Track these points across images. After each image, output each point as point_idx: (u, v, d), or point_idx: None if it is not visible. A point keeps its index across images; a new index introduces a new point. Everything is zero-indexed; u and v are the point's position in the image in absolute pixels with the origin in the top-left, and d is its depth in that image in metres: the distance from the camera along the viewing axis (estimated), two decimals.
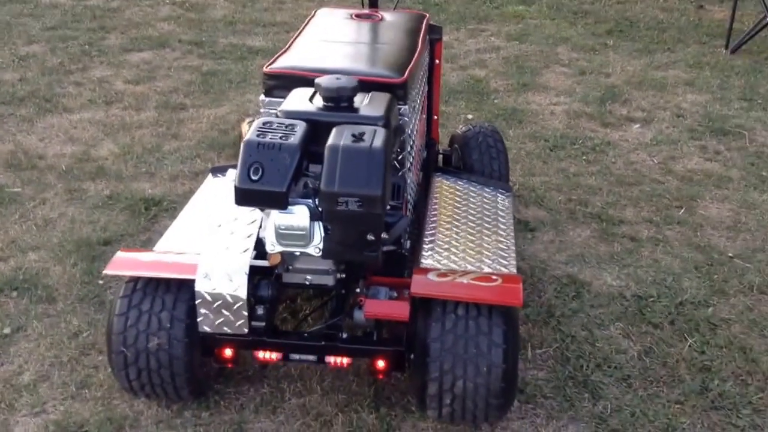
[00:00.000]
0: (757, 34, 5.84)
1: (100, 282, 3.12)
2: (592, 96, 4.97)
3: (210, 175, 3.38)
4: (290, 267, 2.41)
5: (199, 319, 2.30)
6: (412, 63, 2.69)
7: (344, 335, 2.37)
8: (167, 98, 4.81)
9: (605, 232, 3.51)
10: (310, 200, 2.21)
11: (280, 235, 2.21)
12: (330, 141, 2.16)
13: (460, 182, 3.21)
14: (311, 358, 2.35)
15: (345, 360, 2.35)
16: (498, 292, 2.33)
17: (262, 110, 2.63)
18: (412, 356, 2.36)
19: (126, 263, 2.43)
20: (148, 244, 3.36)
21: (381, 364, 2.33)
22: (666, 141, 4.38)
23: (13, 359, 2.73)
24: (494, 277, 2.39)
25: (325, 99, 2.36)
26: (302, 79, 2.55)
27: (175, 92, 4.92)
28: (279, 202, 2.16)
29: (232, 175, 3.29)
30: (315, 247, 2.22)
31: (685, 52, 5.86)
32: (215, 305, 2.27)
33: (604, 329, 2.91)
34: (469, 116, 4.63)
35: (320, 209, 2.16)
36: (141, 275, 2.38)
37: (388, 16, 3.16)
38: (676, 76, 5.36)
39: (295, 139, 2.18)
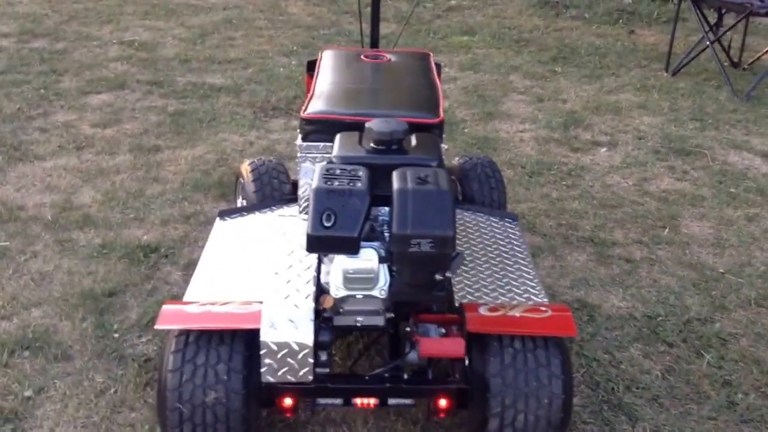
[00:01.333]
0: (693, 56, 6.09)
1: (116, 335, 3.00)
2: (555, 122, 5.08)
3: (218, 219, 3.31)
4: (341, 309, 2.37)
5: (262, 370, 2.24)
6: (441, 102, 2.71)
7: (406, 376, 2.34)
8: (139, 141, 4.68)
9: (601, 255, 3.58)
10: (376, 243, 2.20)
11: (348, 280, 2.18)
12: (396, 185, 2.15)
13: (466, 213, 3.23)
14: (373, 401, 2.31)
15: (407, 401, 2.32)
16: (552, 324, 2.34)
17: (299, 155, 2.60)
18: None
19: (179, 316, 2.34)
20: (154, 293, 3.26)
21: (443, 402, 2.30)
22: (635, 163, 4.51)
23: (42, 423, 2.58)
24: (543, 308, 2.41)
25: (377, 142, 2.35)
26: (341, 123, 2.54)
27: (146, 134, 4.79)
28: (352, 247, 2.14)
29: (248, 219, 3.25)
30: (380, 290, 2.20)
31: (629, 75, 6.06)
32: (281, 354, 2.21)
33: (624, 351, 2.96)
34: (445, 146, 4.65)
35: (390, 251, 2.14)
36: (202, 328, 2.29)
37: (394, 57, 3.17)
38: (627, 99, 5.53)
39: (362, 184, 2.17)
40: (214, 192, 4.09)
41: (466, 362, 2.36)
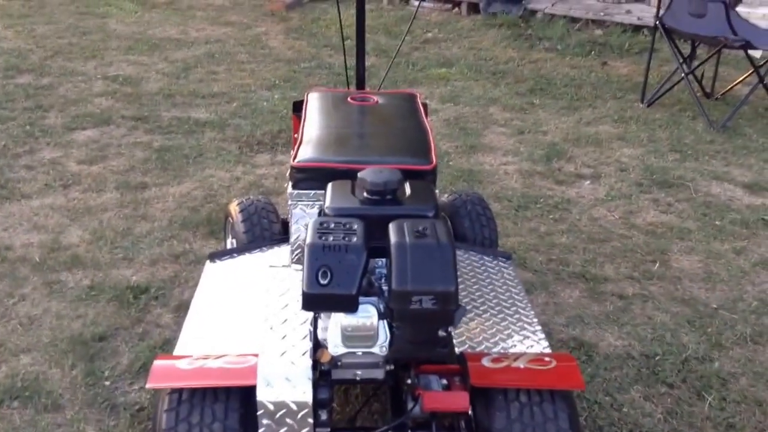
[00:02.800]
0: (668, 87, 6.04)
1: (107, 383, 2.82)
2: (537, 154, 4.98)
3: (208, 262, 3.14)
4: (339, 363, 2.22)
5: (261, 431, 2.07)
6: (433, 147, 2.58)
7: None
8: (126, 178, 4.50)
9: (593, 291, 3.46)
10: (374, 298, 2.05)
11: (347, 338, 2.03)
12: (393, 239, 2.01)
13: (459, 252, 3.09)
14: None
15: None
16: (558, 376, 2.21)
17: (290, 202, 2.46)
18: None
19: (170, 373, 2.17)
20: (145, 337, 3.08)
21: None
22: (619, 196, 4.41)
23: None
24: (547, 359, 2.27)
25: (371, 193, 2.20)
26: (332, 171, 2.40)
27: (132, 171, 4.61)
28: (350, 304, 1.99)
29: (238, 263, 3.08)
30: (380, 347, 2.05)
31: (606, 107, 5.98)
32: (279, 414, 2.05)
33: (624, 393, 2.83)
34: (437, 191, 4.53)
35: (390, 308, 1.99)
36: (195, 386, 2.13)
37: (381, 99, 3.04)
38: (606, 131, 5.45)
39: (358, 238, 2.02)
40: (202, 230, 3.93)
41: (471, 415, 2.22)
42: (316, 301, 1.97)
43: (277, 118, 5.50)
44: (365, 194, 2.21)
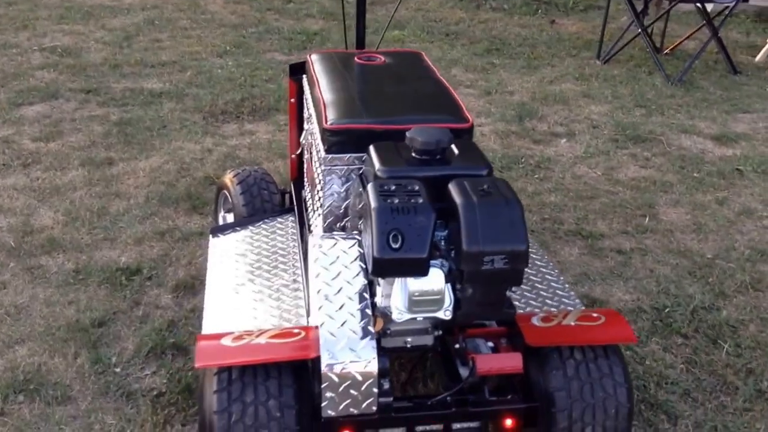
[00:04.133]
0: (619, 43, 6.12)
1: (117, 370, 2.69)
2: (508, 115, 4.98)
3: (211, 237, 3.04)
4: (389, 331, 2.17)
5: (323, 404, 2.01)
6: (462, 104, 2.53)
7: (473, 398, 2.16)
8: (88, 154, 4.30)
9: (592, 248, 3.50)
10: (438, 261, 2.00)
11: (414, 303, 1.98)
12: (459, 199, 1.95)
13: None
14: (438, 427, 2.12)
15: (473, 424, 2.14)
16: (610, 331, 2.21)
17: (323, 167, 2.37)
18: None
19: (218, 352, 2.08)
20: (146, 320, 2.96)
21: (509, 422, 2.14)
22: (597, 153, 4.46)
23: None
24: (594, 315, 2.27)
25: (422, 153, 2.14)
26: (369, 132, 2.33)
27: (94, 146, 4.40)
28: (421, 268, 1.93)
29: (246, 235, 2.99)
30: (446, 311, 2.01)
31: (564, 65, 6.03)
32: (343, 387, 2.00)
33: (644, 346, 2.87)
34: None
35: (459, 270, 1.94)
36: (250, 362, 2.04)
37: (388, 59, 2.97)
38: (570, 89, 5.49)
39: (423, 199, 1.96)
40: (183, 205, 3.78)
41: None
42: (387, 267, 1.91)
43: (236, 87, 5.34)
44: (415, 155, 2.15)
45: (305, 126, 2.97)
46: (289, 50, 6.25)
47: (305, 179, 3.09)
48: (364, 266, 2.15)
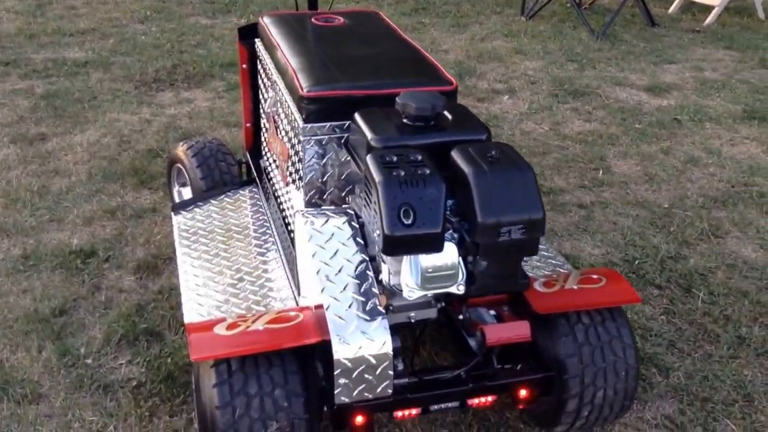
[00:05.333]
0: (545, 1, 6.04)
1: (88, 362, 2.43)
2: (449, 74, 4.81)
3: (173, 215, 2.79)
4: (392, 307, 2.00)
5: (336, 391, 1.83)
6: (440, 66, 2.35)
7: (489, 372, 2.02)
8: (18, 129, 3.91)
9: (554, 203, 3.40)
10: (448, 234, 1.83)
11: (427, 279, 1.81)
12: (468, 167, 1.78)
13: None
14: (454, 404, 1.98)
15: (490, 398, 2.00)
16: (614, 293, 2.10)
17: (300, 138, 2.15)
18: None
19: (214, 342, 1.86)
20: (111, 305, 2.69)
21: (524, 393, 2.01)
22: (541, 108, 4.36)
23: None
24: (594, 276, 2.16)
25: (415, 119, 1.95)
26: (349, 99, 2.12)
27: (23, 121, 4.01)
28: (436, 244, 1.75)
29: (212, 212, 2.74)
30: (459, 285, 1.85)
31: (491, 23, 5.91)
32: (357, 371, 1.82)
33: None
34: None
35: (474, 242, 1.78)
36: (252, 351, 1.83)
37: (348, 19, 2.75)
38: (502, 46, 5.37)
39: (430, 170, 1.78)
40: (130, 180, 3.48)
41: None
42: (400, 244, 1.73)
43: (164, 53, 4.98)
44: (408, 121, 1.96)
45: (264, 94, 2.73)
46: (212, 14, 5.89)
47: (265, 149, 2.86)
48: (362, 242, 1.97)
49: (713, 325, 2.67)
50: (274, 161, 2.66)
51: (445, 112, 2.02)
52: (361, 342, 1.80)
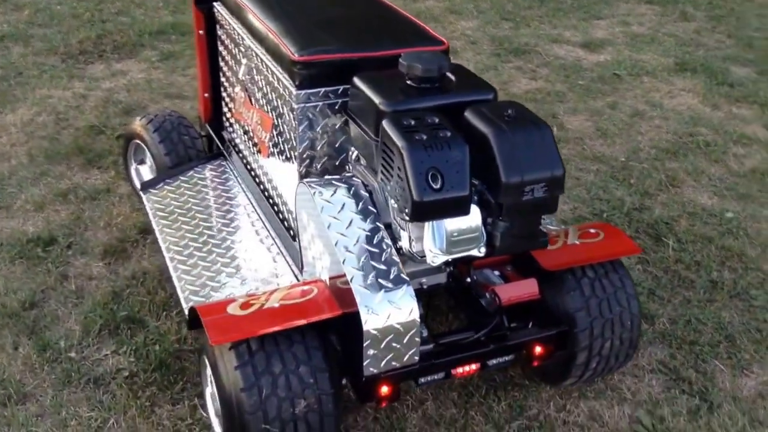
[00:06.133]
0: None
1: (72, 355, 2.33)
2: None
3: (144, 195, 2.69)
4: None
5: (365, 362, 1.81)
6: (425, 26, 2.33)
7: (508, 332, 2.04)
8: None
9: None
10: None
11: (452, 243, 1.80)
12: (486, 127, 1.77)
13: None
14: (475, 367, 1.99)
15: (508, 358, 2.03)
16: (615, 246, 2.16)
17: (294, 106, 2.09)
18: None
19: (232, 325, 1.80)
20: (83, 294, 2.58)
21: (539, 350, 2.05)
22: (486, 68, 4.39)
23: None
24: (592, 230, 2.21)
25: (421, 81, 1.93)
26: (344, 63, 2.08)
27: None
28: (464, 207, 1.75)
29: (188, 187, 2.65)
30: (480, 247, 1.85)
31: None
32: (386, 341, 1.80)
33: None
34: None
35: (498, 203, 1.78)
36: (276, 330, 1.79)
37: None
38: (435, 6, 5.36)
39: (451, 132, 1.77)
40: (76, 160, 3.32)
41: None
42: (429, 209, 1.71)
43: (85, 23, 4.74)
44: (412, 83, 1.93)
45: (230, 62, 2.63)
46: None
47: (231, 121, 2.77)
48: (374, 210, 1.95)
49: (687, 272, 2.79)
50: (246, 133, 2.58)
51: (448, 73, 2.00)
52: (389, 311, 1.79)
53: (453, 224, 1.79)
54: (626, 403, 2.23)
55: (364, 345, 1.79)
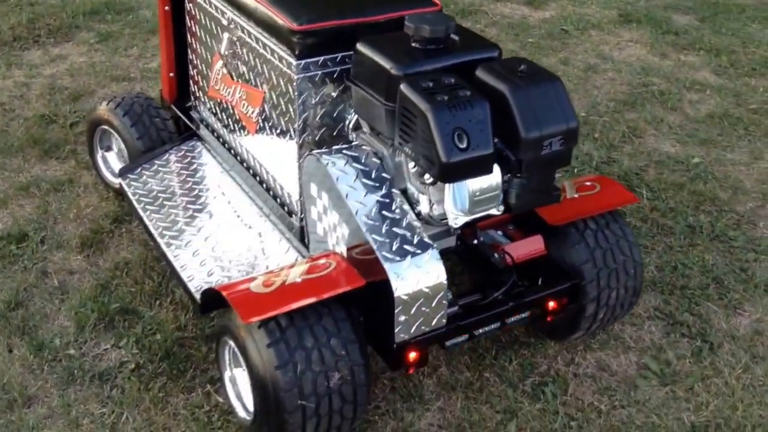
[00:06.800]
0: None
1: (71, 352, 2.27)
2: None
3: (123, 182, 2.62)
4: None
5: (397, 329, 1.84)
6: None
7: (523, 290, 2.08)
8: None
9: None
10: None
11: (475, 203, 1.83)
12: (502, 84, 1.79)
13: None
14: (495, 326, 2.04)
15: (524, 315, 2.08)
16: (613, 196, 2.23)
17: (295, 75, 2.06)
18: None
19: (260, 303, 1.79)
20: (68, 289, 2.51)
21: (552, 304, 2.11)
22: None
23: None
24: (588, 183, 2.27)
25: (429, 42, 1.93)
26: (343, 29, 2.07)
27: None
28: (488, 165, 1.78)
29: (155, 172, 2.60)
30: (498, 206, 1.89)
31: None
32: (416, 306, 1.83)
33: None
34: None
35: (517, 159, 1.81)
36: (308, 302, 1.79)
37: None
38: None
39: (471, 91, 1.79)
40: (32, 152, 3.20)
41: None
42: (456, 170, 1.72)
43: (12, 7, 4.53)
44: (418, 45, 1.93)
45: (203, 37, 2.57)
46: None
47: (201, 99, 2.71)
48: (388, 177, 1.96)
49: (664, 219, 2.90)
50: (225, 110, 2.54)
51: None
52: (418, 276, 1.81)
53: (475, 184, 1.81)
54: (631, 351, 2.32)
55: (396, 311, 1.81)
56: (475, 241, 2.15)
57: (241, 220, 2.42)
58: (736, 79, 4.01)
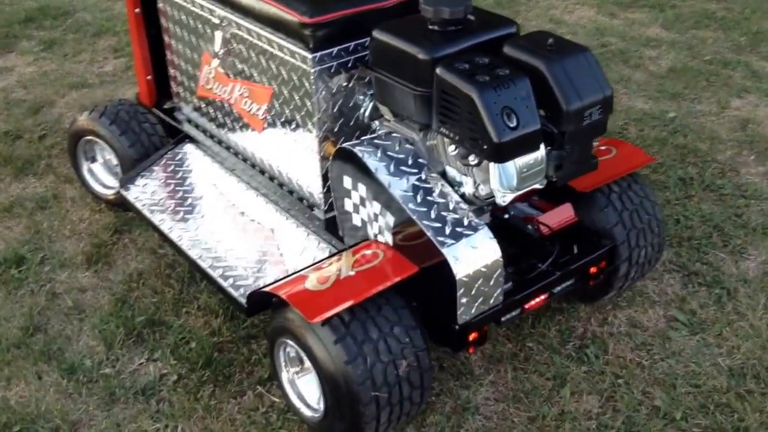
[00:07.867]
0: None
1: (107, 371, 2.23)
2: None
3: (125, 192, 2.58)
4: None
5: (459, 312, 1.89)
6: None
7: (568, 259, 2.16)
8: None
9: None
10: None
11: (522, 179, 1.88)
12: (535, 59, 1.83)
13: None
14: (543, 297, 2.11)
15: (569, 282, 2.16)
16: (634, 158, 2.32)
17: (311, 69, 2.07)
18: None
19: (321, 302, 1.81)
20: (83, 307, 2.46)
21: (593, 269, 2.19)
22: None
23: None
24: (603, 147, 2.36)
25: (447, 23, 1.96)
26: (357, 18, 2.09)
27: None
28: (537, 141, 1.83)
29: (157, 179, 2.57)
30: (542, 180, 1.95)
31: None
32: (476, 286, 1.88)
33: None
34: None
35: (560, 132, 1.87)
36: (369, 295, 1.82)
37: None
38: None
39: (509, 69, 1.83)
40: (4, 171, 3.10)
41: None
42: (509, 149, 1.77)
43: None
44: (438, 27, 1.96)
45: (186, 37, 2.53)
46: None
47: (187, 100, 2.68)
48: (425, 162, 2.00)
49: (656, 175, 3.03)
50: (221, 109, 2.51)
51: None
52: (475, 256, 1.87)
53: (522, 160, 1.87)
54: (657, 305, 2.44)
55: (458, 294, 1.86)
56: (506, 216, 2.21)
57: (252, 217, 2.42)
58: (685, 32, 4.19)
